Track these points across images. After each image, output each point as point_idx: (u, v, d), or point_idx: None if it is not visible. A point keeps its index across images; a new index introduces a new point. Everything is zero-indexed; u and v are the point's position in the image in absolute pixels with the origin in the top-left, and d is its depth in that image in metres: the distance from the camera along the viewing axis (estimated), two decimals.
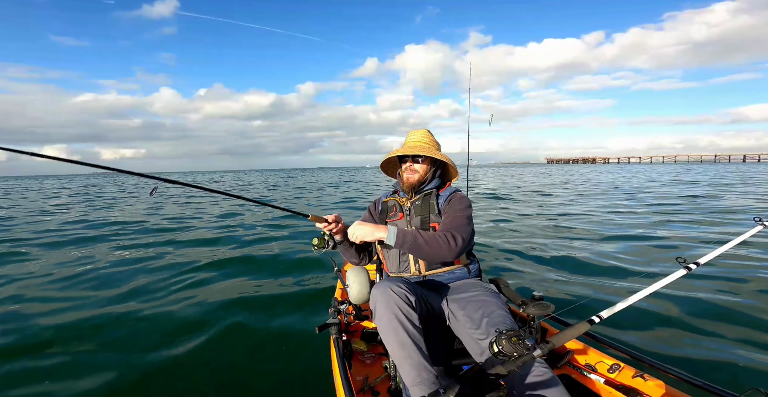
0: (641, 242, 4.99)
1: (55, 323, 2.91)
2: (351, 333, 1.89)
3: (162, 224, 7.92)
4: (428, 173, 1.67)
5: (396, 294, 1.24)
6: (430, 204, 1.60)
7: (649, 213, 7.62)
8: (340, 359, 1.43)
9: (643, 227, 6.06)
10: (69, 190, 24.26)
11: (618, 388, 1.30)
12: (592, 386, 1.38)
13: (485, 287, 1.50)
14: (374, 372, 1.62)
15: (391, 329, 1.21)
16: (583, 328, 1.11)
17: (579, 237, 5.49)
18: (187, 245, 5.87)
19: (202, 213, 9.77)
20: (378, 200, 1.82)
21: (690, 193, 11.24)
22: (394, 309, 1.22)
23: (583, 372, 1.45)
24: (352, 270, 1.72)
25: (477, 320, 1.29)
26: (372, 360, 1.73)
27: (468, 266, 1.58)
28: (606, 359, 1.41)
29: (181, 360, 2.36)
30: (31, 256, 5.27)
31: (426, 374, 1.15)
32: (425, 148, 1.65)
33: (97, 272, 4.34)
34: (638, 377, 1.29)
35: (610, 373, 1.36)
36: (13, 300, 3.43)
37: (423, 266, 1.55)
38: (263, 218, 8.52)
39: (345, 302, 1.87)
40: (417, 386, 1.13)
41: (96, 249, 5.62)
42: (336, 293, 2.29)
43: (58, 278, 4.14)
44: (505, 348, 0.97)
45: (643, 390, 1.25)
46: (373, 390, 1.48)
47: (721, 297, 2.82)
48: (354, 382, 1.44)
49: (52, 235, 6.84)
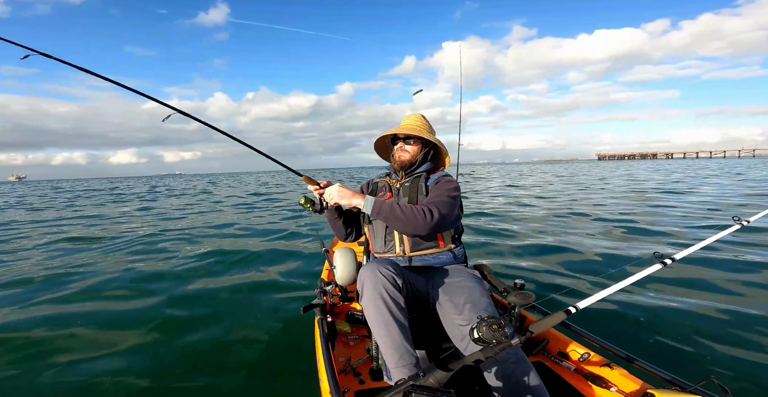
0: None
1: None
2: (336, 314, 1.92)
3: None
4: (419, 155, 1.69)
5: (383, 276, 1.26)
6: (419, 186, 1.62)
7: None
8: (324, 339, 1.46)
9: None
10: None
11: (586, 376, 1.36)
12: (563, 373, 1.45)
13: (469, 273, 1.53)
14: (357, 354, 1.66)
15: (376, 311, 1.23)
16: (560, 317, 1.16)
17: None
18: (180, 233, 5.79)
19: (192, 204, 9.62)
20: (371, 181, 1.85)
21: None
22: (380, 291, 1.24)
23: (555, 360, 1.51)
24: (339, 251, 1.73)
25: (460, 306, 1.32)
26: (355, 342, 1.77)
27: (453, 250, 1.60)
28: (578, 348, 1.47)
29: (163, 338, 2.38)
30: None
31: (408, 357, 1.18)
32: (417, 130, 1.67)
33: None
34: (605, 366, 1.35)
35: (581, 361, 1.43)
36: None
37: (408, 246, 1.56)
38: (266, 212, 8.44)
39: (331, 283, 1.89)
40: (398, 368, 1.16)
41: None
42: (323, 274, 2.30)
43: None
44: (485, 335, 1.00)
45: (609, 378, 1.32)
46: (355, 371, 1.52)
47: (694, 292, 2.94)
48: (336, 363, 1.48)
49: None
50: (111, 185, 35.21)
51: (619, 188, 12.59)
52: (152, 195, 17.51)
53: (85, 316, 2.71)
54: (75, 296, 3.17)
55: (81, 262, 4.32)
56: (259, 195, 14.74)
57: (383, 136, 1.79)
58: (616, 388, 1.27)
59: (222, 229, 6.55)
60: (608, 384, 1.29)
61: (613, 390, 1.27)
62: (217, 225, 7.01)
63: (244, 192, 17.31)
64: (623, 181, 15.99)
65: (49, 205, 13.49)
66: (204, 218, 8.39)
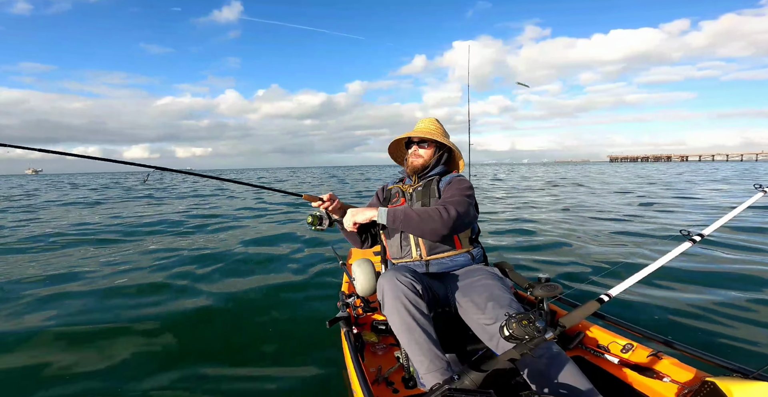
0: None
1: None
2: (361, 326, 1.90)
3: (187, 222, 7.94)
4: (432, 159, 1.68)
5: (402, 283, 1.24)
6: (431, 189, 1.60)
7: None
8: (353, 351, 1.43)
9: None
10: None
11: (633, 367, 1.29)
12: (606, 366, 1.38)
13: (488, 272, 1.49)
14: (387, 363, 1.63)
15: (400, 319, 1.21)
16: (592, 307, 1.11)
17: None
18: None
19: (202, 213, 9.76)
20: (385, 186, 1.84)
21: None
22: (401, 298, 1.22)
23: (595, 353, 1.44)
24: (357, 263, 1.72)
25: (482, 305, 1.29)
26: (384, 351, 1.74)
27: (471, 251, 1.57)
28: (619, 339, 1.41)
29: (191, 348, 2.38)
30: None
31: (438, 361, 1.15)
32: (431, 133, 1.66)
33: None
34: (653, 356, 1.28)
35: (624, 353, 1.35)
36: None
37: (424, 250, 1.54)
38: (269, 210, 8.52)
39: (352, 295, 1.87)
40: (430, 373, 1.14)
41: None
42: (343, 286, 2.29)
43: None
44: (516, 332, 0.97)
45: (659, 369, 1.24)
46: (387, 381, 1.49)
47: (735, 267, 2.80)
48: (368, 373, 1.45)
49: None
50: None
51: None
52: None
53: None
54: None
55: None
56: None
57: (397, 139, 1.79)
58: (669, 378, 1.19)
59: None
60: (659, 374, 1.22)
61: (666, 380, 1.19)
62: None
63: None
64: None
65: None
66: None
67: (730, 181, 15.10)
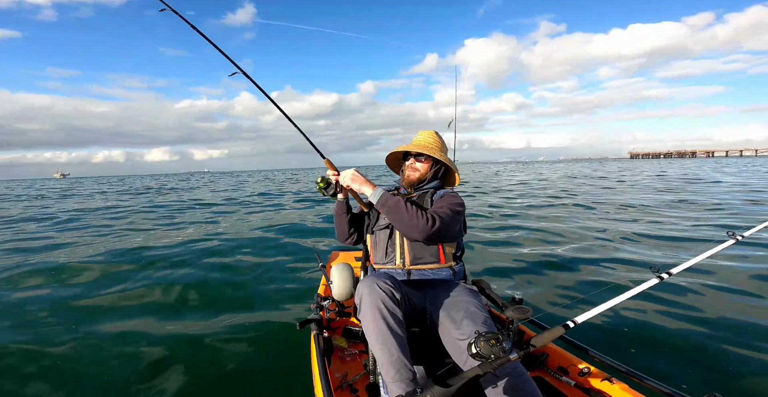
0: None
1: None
2: (332, 330, 1.89)
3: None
4: (429, 173, 1.71)
5: (382, 290, 1.25)
6: (425, 201, 1.63)
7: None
8: (320, 355, 1.43)
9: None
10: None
11: (587, 391, 1.35)
12: (564, 389, 1.43)
13: (467, 288, 1.52)
14: (353, 369, 1.63)
15: (374, 324, 1.22)
16: (558, 332, 1.15)
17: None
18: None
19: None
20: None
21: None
22: (378, 305, 1.23)
23: (555, 375, 1.49)
24: (336, 266, 1.73)
25: (458, 321, 1.31)
26: (352, 357, 1.74)
27: (453, 267, 1.60)
28: (578, 363, 1.46)
29: (158, 352, 2.33)
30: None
31: (405, 371, 1.16)
32: (429, 148, 1.69)
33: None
34: (606, 381, 1.33)
35: (581, 376, 1.41)
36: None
37: (408, 259, 1.57)
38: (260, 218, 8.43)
39: (328, 298, 1.87)
40: (395, 383, 1.15)
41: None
42: (319, 289, 2.28)
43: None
44: (483, 350, 0.99)
45: (610, 393, 1.30)
46: (352, 387, 1.49)
47: (691, 304, 2.92)
48: (333, 378, 1.45)
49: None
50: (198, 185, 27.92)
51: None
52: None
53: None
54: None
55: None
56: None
57: (395, 151, 1.81)
58: None
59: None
60: None
61: None
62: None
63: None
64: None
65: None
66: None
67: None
